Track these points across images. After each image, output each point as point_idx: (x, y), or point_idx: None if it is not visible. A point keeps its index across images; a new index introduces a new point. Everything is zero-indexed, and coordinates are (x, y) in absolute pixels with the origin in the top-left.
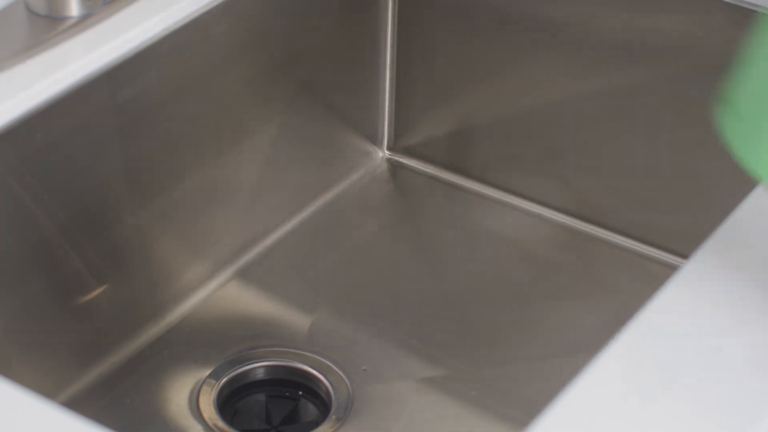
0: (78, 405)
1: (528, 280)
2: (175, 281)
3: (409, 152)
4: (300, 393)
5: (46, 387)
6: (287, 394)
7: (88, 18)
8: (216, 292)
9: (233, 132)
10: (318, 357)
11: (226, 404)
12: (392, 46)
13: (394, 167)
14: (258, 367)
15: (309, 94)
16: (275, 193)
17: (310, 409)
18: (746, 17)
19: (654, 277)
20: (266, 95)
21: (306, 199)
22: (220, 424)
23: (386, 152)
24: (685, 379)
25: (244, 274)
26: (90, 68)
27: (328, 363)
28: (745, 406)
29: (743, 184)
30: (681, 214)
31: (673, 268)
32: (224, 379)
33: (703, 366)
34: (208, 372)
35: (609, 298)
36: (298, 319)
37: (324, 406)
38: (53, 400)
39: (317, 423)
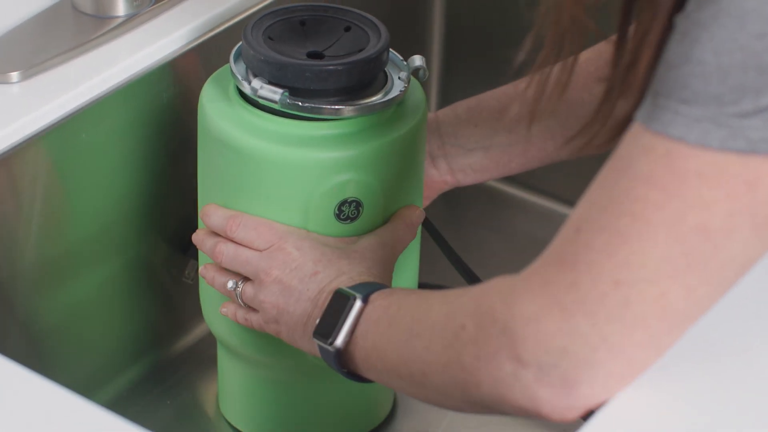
0: (120, 403)
1: None
2: None
3: None
4: None
5: (89, 386)
6: None
7: (134, 18)
8: None
9: None
10: None
11: None
12: (439, 56)
13: None
14: None
15: None
16: None
17: None
18: None
19: None
20: None
21: None
22: None
23: None
24: None
25: None
26: (136, 68)
27: None
28: None
29: None
30: None
31: None
32: None
33: None
34: None
35: None
36: None
37: None
38: (95, 398)
39: None
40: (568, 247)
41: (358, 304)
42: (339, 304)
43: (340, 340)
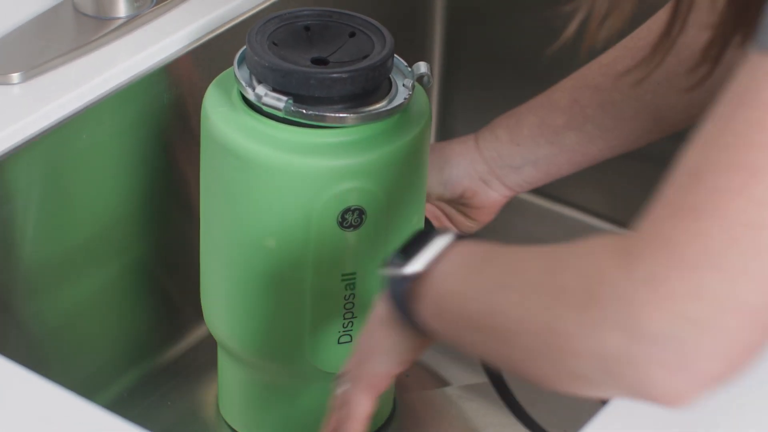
0: (120, 406)
1: None
2: None
3: None
4: None
5: (89, 388)
6: None
7: (135, 19)
8: None
9: None
10: None
11: None
12: (440, 63)
13: None
14: None
15: None
16: None
17: None
18: None
19: None
20: None
21: None
22: None
23: None
24: None
25: None
26: (137, 69)
27: None
28: None
29: None
30: None
31: None
32: None
33: None
34: None
35: None
36: None
37: None
38: (95, 401)
39: None
40: (687, 195)
41: (447, 236)
42: (422, 238)
43: (416, 266)
